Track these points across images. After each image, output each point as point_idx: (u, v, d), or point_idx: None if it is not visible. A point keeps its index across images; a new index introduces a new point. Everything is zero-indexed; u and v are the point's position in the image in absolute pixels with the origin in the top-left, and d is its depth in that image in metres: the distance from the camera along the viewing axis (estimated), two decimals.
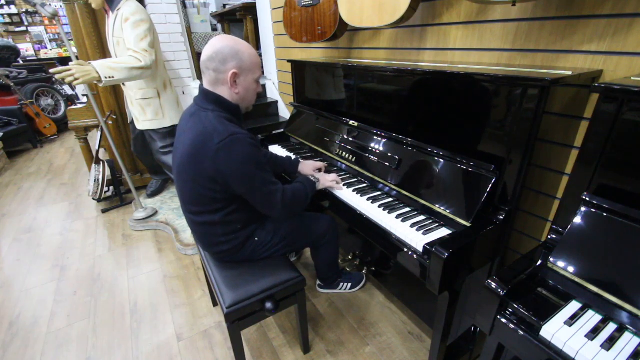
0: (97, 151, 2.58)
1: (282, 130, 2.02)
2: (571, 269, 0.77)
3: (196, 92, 2.81)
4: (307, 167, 1.52)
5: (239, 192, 1.11)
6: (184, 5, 3.74)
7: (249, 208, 1.20)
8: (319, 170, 1.52)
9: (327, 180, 1.37)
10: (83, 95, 3.69)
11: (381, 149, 1.36)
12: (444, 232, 1.05)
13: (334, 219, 1.48)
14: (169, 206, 2.64)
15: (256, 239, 1.27)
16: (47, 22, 7.60)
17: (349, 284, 1.76)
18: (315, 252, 1.55)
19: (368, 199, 1.27)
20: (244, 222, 1.24)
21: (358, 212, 1.24)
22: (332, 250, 1.53)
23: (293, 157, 1.59)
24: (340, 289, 1.76)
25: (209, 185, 1.09)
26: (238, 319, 1.17)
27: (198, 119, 1.09)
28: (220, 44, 1.05)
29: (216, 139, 1.02)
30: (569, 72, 0.90)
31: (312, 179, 1.34)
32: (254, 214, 1.24)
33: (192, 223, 1.24)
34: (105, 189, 2.69)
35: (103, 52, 2.44)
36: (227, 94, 1.11)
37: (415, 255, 1.00)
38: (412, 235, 1.04)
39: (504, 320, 0.77)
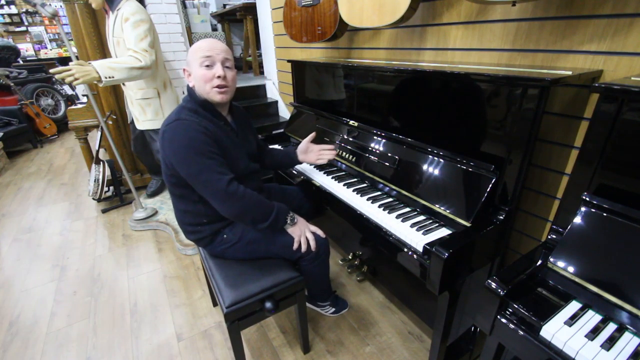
0: (97, 151, 2.58)
1: (282, 130, 2.03)
2: (571, 269, 0.77)
3: None
4: (311, 155, 1.51)
5: (184, 176, 1.11)
6: (184, 5, 3.75)
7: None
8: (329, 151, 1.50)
9: (303, 229, 1.24)
10: (83, 95, 3.68)
11: (381, 149, 1.36)
12: (444, 232, 1.05)
13: (324, 238, 1.31)
14: (169, 206, 2.64)
15: (224, 236, 1.26)
16: (47, 22, 7.61)
17: (333, 309, 1.61)
18: (299, 267, 1.33)
19: (368, 199, 1.27)
20: (210, 216, 1.22)
21: (358, 212, 1.24)
22: (319, 270, 1.36)
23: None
24: (322, 310, 1.61)
25: (166, 170, 1.17)
26: (238, 319, 1.17)
27: None
28: None
29: (165, 123, 1.10)
30: (569, 72, 0.90)
31: (289, 215, 1.22)
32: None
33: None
34: (105, 189, 2.69)
35: (103, 52, 2.44)
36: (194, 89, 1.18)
37: (415, 255, 1.00)
38: (412, 235, 1.04)
39: (504, 320, 0.77)
